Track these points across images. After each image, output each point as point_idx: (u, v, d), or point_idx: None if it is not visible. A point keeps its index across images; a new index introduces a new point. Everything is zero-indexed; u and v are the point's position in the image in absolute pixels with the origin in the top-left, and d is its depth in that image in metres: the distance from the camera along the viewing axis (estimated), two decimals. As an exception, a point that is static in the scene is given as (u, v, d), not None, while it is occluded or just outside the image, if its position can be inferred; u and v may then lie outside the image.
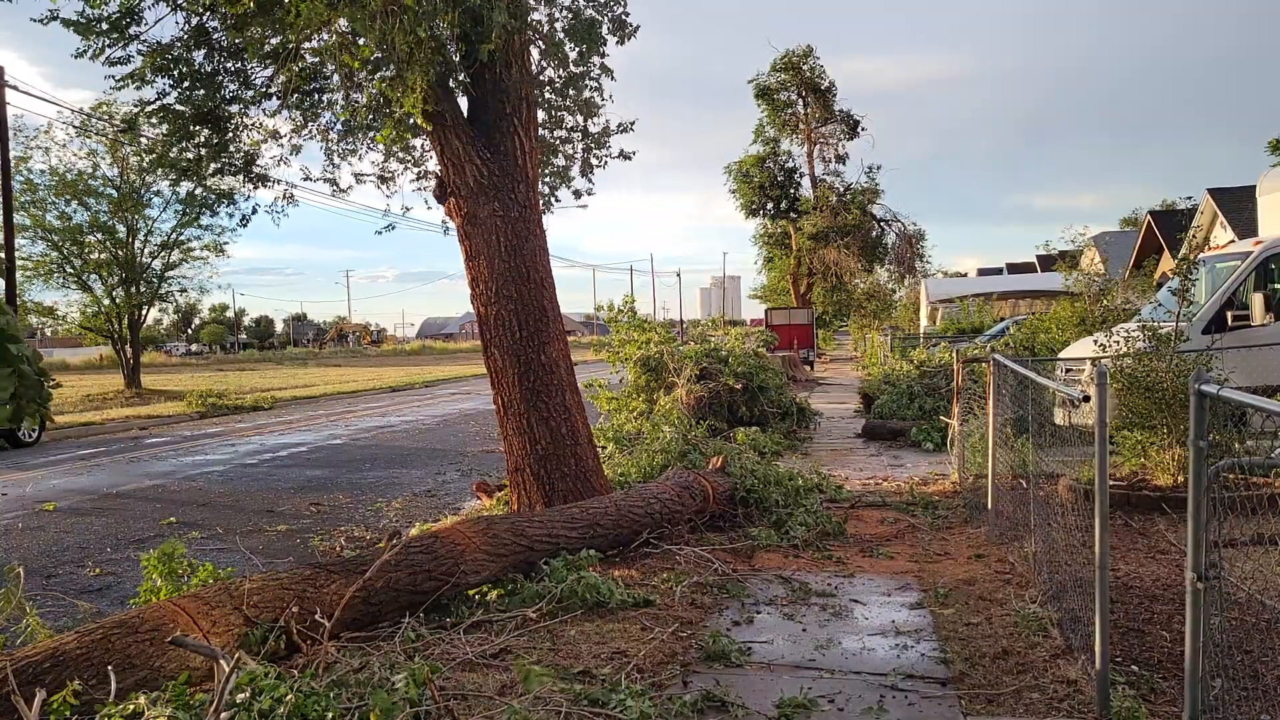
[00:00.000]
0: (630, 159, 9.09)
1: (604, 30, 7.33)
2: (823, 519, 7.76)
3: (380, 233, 9.32)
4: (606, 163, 8.83)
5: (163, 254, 30.31)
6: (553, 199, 8.99)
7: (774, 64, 37.47)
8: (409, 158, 8.52)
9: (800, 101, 38.29)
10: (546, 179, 8.81)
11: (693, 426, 11.70)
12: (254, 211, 8.94)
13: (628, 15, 7.55)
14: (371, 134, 7.89)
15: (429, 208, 10.65)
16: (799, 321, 35.38)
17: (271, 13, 6.01)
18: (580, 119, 8.45)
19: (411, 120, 6.52)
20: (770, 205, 39.64)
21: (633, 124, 8.61)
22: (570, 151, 8.69)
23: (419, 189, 8.74)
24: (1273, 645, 4.34)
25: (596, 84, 7.99)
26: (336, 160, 8.39)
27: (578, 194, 9.08)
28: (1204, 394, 3.28)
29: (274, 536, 8.76)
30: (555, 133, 8.61)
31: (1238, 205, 24.27)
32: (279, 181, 8.56)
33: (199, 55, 7.44)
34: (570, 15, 7.38)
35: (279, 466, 13.66)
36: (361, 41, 6.05)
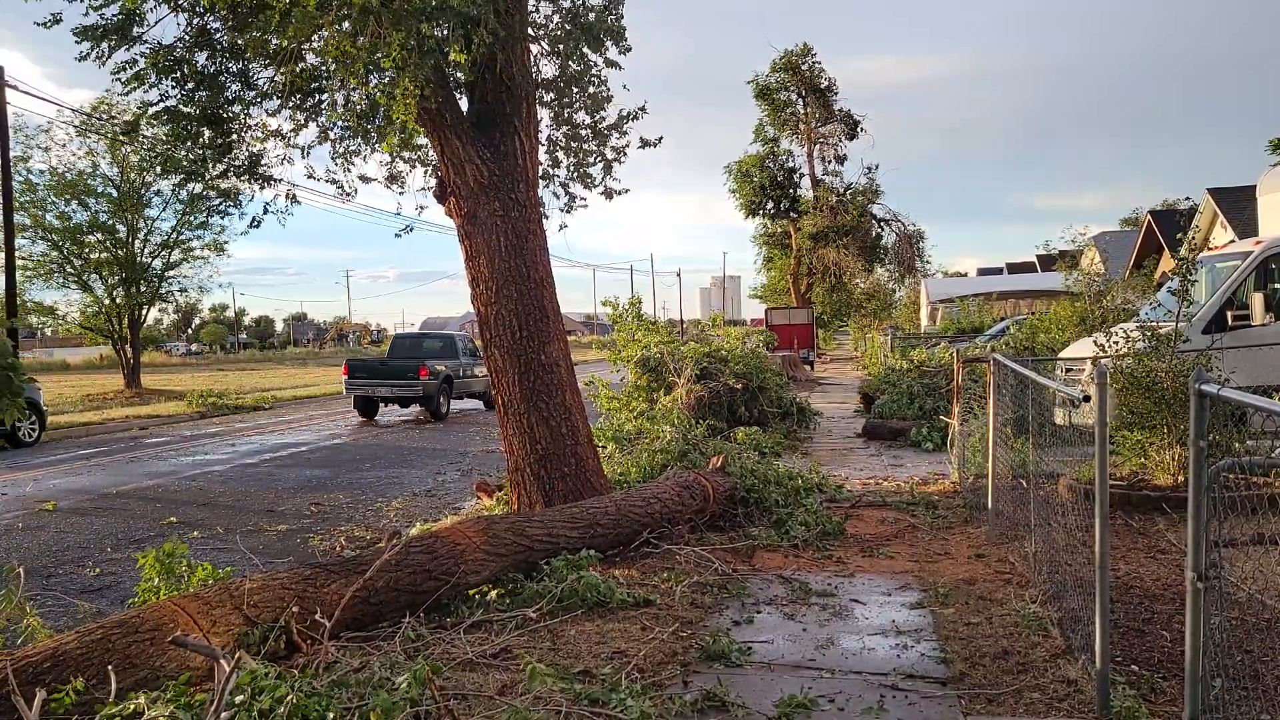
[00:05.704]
0: (656, 145, 8.62)
1: (602, 34, 7.27)
2: (823, 519, 7.76)
3: (399, 235, 9.29)
4: (624, 157, 8.37)
5: (163, 253, 30.29)
6: (575, 202, 8.61)
7: (773, 64, 37.56)
8: (416, 157, 8.41)
9: (800, 101, 38.33)
10: (562, 181, 8.52)
11: (693, 426, 11.70)
12: (265, 212, 8.79)
13: (622, 19, 7.43)
14: (374, 137, 7.81)
15: (423, 208, 10.61)
16: (799, 321, 35.42)
17: (266, 16, 5.98)
18: (588, 116, 8.19)
19: (402, 123, 6.42)
20: (770, 205, 39.70)
21: (643, 109, 8.27)
22: (586, 148, 8.33)
23: (425, 189, 8.52)
24: (1273, 645, 4.34)
25: (601, 79, 7.83)
26: (340, 162, 8.28)
27: (609, 194, 8.60)
28: (1204, 394, 3.28)
29: (274, 536, 8.76)
30: (563, 129, 8.30)
31: (1238, 205, 24.23)
32: (282, 181, 8.49)
33: (201, 56, 7.42)
34: (569, 15, 7.35)
35: (279, 466, 13.65)
36: (359, 41, 5.99)
